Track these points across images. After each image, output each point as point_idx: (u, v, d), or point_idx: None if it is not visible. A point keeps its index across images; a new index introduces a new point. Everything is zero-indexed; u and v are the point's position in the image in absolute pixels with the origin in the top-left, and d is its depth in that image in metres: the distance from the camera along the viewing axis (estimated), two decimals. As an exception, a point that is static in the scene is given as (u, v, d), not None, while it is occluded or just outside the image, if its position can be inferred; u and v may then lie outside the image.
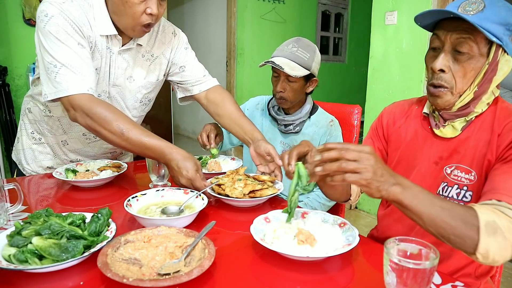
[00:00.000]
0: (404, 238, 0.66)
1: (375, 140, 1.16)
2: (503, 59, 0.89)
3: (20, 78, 3.25)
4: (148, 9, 1.13)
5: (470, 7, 0.86)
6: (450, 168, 0.96)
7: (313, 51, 1.49)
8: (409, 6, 2.68)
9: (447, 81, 0.91)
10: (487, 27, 0.83)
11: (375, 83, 3.00)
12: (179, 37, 1.43)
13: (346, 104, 1.67)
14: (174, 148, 1.11)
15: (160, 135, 1.14)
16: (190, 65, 1.42)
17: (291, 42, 1.51)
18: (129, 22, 1.15)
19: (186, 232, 0.83)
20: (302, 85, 1.51)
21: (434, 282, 0.73)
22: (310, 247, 0.81)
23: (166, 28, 1.38)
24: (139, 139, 1.10)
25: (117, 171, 1.30)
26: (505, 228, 0.73)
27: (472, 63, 0.88)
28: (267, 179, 1.18)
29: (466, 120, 0.95)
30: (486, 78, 0.89)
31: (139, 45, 1.30)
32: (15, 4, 3.16)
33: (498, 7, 0.85)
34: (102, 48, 1.22)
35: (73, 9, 1.14)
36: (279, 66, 1.42)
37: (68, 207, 1.09)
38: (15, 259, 0.71)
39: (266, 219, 0.92)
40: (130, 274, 0.67)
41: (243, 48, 4.79)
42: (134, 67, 1.32)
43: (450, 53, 0.90)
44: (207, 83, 1.45)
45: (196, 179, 1.09)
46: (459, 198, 0.95)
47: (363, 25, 5.37)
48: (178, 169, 1.09)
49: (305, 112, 1.56)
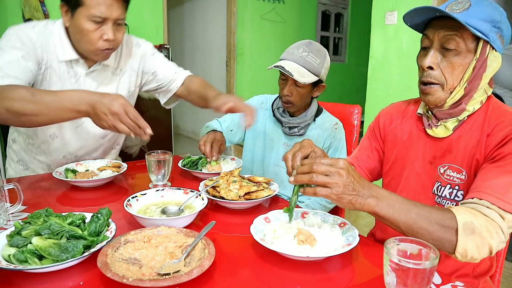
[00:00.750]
0: (404, 238, 0.66)
1: (372, 140, 1.17)
2: (492, 55, 0.90)
3: (20, 78, 3.26)
4: (104, 35, 1.19)
5: (456, 6, 0.89)
6: (444, 167, 0.97)
7: (323, 56, 1.46)
8: (409, 6, 2.68)
9: (437, 78, 0.92)
10: (473, 24, 0.85)
11: (375, 83, 3.00)
12: (144, 47, 1.48)
13: (346, 104, 1.67)
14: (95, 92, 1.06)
15: (160, 135, 1.14)
16: (160, 68, 1.47)
17: (302, 46, 1.47)
18: (88, 48, 1.22)
19: (186, 232, 0.83)
20: (309, 90, 1.49)
21: (434, 282, 0.73)
22: (310, 247, 0.81)
23: (129, 42, 1.45)
24: (51, 93, 1.06)
25: (117, 171, 1.30)
26: (482, 227, 0.76)
27: (460, 58, 0.89)
28: (262, 180, 1.18)
29: (458, 120, 0.95)
30: (476, 74, 0.90)
31: (105, 65, 1.36)
32: (15, 4, 3.16)
33: (484, 5, 0.88)
34: (61, 72, 1.27)
35: (31, 32, 1.21)
36: (288, 72, 1.39)
37: (68, 207, 1.09)
38: (15, 259, 0.71)
39: (266, 219, 0.92)
40: (130, 274, 0.67)
41: (243, 48, 4.79)
42: (105, 85, 1.38)
43: (438, 51, 0.92)
44: (180, 78, 1.49)
45: (137, 117, 1.02)
46: (451, 197, 0.96)
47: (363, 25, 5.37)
48: (107, 109, 1.00)
49: (310, 115, 1.54)
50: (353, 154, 1.22)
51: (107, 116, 1.01)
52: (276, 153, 1.61)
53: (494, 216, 0.78)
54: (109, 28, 1.19)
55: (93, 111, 1.02)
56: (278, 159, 1.60)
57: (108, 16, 1.18)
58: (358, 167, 1.18)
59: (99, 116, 1.02)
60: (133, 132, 1.04)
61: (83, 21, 1.17)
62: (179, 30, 6.03)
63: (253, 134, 1.68)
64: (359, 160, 1.18)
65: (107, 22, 1.19)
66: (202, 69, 5.69)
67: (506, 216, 0.78)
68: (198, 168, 1.40)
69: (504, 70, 2.98)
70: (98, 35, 1.19)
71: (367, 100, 3.07)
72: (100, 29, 1.19)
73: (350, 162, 1.20)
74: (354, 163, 1.19)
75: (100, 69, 1.35)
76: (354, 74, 6.23)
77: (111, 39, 1.20)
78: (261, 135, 1.66)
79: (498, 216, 0.78)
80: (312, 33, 5.51)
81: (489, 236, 0.76)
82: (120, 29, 1.24)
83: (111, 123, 1.01)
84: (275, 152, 1.61)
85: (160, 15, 3.94)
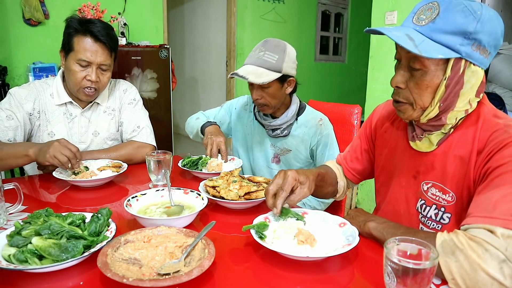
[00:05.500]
0: (404, 238, 0.66)
1: (362, 141, 1.14)
2: (469, 70, 0.79)
3: (20, 78, 3.25)
4: (88, 76, 1.39)
5: (424, 15, 0.79)
6: (427, 184, 0.91)
7: (282, 51, 1.39)
8: (409, 6, 2.68)
9: (405, 97, 0.85)
10: (439, 39, 0.76)
11: (375, 83, 3.00)
12: (127, 94, 1.62)
13: (346, 104, 1.67)
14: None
15: (160, 135, 1.15)
16: (126, 121, 1.59)
17: (259, 47, 1.43)
18: (74, 86, 1.42)
19: (186, 232, 0.83)
20: (278, 88, 1.42)
21: (434, 282, 0.73)
22: (310, 247, 0.81)
23: (121, 85, 1.63)
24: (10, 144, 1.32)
25: (116, 171, 1.30)
26: (464, 245, 0.69)
27: (427, 79, 0.80)
28: (262, 180, 1.18)
29: (443, 133, 0.87)
30: (451, 92, 0.81)
31: (97, 104, 1.54)
32: (15, 4, 3.16)
33: (454, 12, 0.76)
34: (58, 114, 1.49)
35: (23, 91, 1.44)
36: (242, 76, 1.35)
37: (68, 207, 1.09)
38: (15, 259, 0.71)
39: (266, 219, 0.92)
40: (130, 274, 0.67)
41: (243, 48, 4.79)
42: (97, 123, 1.55)
43: (407, 68, 0.83)
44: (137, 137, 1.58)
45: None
46: (437, 219, 0.90)
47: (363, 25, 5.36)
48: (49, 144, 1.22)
49: (291, 114, 1.50)
50: (344, 153, 1.21)
51: (49, 148, 1.20)
52: (265, 155, 1.60)
53: (478, 233, 0.70)
54: (93, 71, 1.39)
55: (38, 152, 1.23)
56: (269, 160, 1.59)
57: (93, 61, 1.38)
58: (346, 169, 1.17)
59: (43, 152, 1.21)
60: (69, 162, 1.22)
61: (72, 64, 1.38)
62: (179, 30, 6.03)
63: (240, 137, 1.67)
64: (347, 162, 1.17)
65: (91, 65, 1.39)
66: (202, 69, 5.69)
67: (498, 231, 0.68)
68: (198, 168, 1.40)
69: (504, 70, 2.98)
70: (83, 75, 1.39)
71: (367, 100, 3.07)
72: (85, 71, 1.39)
73: (339, 162, 1.19)
74: (342, 164, 1.18)
75: (93, 108, 1.54)
76: (354, 74, 6.22)
77: (93, 80, 1.40)
78: (248, 137, 1.64)
79: (485, 232, 0.69)
80: (312, 33, 5.50)
81: (476, 256, 0.67)
82: (105, 73, 1.44)
83: (52, 154, 1.19)
84: (264, 154, 1.60)
85: (160, 15, 3.94)
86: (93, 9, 3.19)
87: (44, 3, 3.23)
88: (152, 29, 3.91)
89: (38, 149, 1.24)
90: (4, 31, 3.15)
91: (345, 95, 6.02)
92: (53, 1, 3.28)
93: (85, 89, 1.41)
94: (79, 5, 3.19)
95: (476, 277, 0.67)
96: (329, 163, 1.20)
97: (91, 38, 1.37)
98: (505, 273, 0.65)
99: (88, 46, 1.37)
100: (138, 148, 1.54)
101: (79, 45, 1.37)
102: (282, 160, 1.56)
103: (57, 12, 3.29)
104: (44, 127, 1.48)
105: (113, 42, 1.43)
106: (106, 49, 1.41)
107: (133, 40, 3.62)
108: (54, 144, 1.21)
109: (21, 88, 1.45)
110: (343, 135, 1.64)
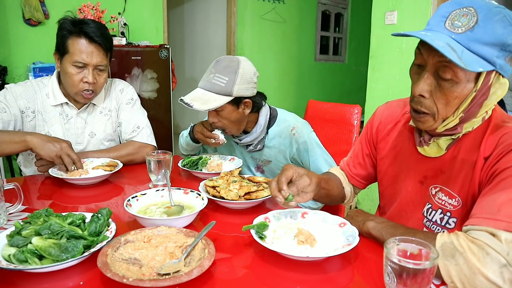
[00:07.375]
0: (404, 238, 0.66)
1: (363, 146, 1.12)
2: (497, 82, 0.77)
3: (20, 78, 3.25)
4: (85, 78, 1.37)
5: (459, 21, 0.74)
6: (435, 188, 0.90)
7: (233, 71, 1.28)
8: (409, 6, 2.68)
9: (428, 107, 0.81)
10: (477, 50, 0.72)
11: (375, 83, 3.00)
12: (124, 93, 1.61)
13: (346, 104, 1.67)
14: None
15: (160, 135, 1.15)
16: (124, 121, 1.58)
17: (210, 68, 1.33)
18: (71, 89, 1.40)
19: (186, 232, 0.83)
20: (232, 111, 1.32)
21: (434, 283, 0.73)
22: (310, 247, 0.81)
23: (117, 85, 1.61)
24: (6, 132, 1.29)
25: (110, 170, 1.31)
26: (465, 247, 0.68)
27: (457, 90, 0.76)
28: (262, 180, 1.17)
29: (452, 138, 0.85)
30: (475, 103, 0.78)
31: (93, 104, 1.53)
32: (15, 4, 3.15)
33: (494, 22, 0.72)
34: (53, 115, 1.47)
35: (19, 87, 1.43)
36: (187, 104, 1.28)
37: (68, 207, 1.09)
38: (15, 259, 0.71)
39: (266, 219, 0.92)
40: (130, 274, 0.67)
41: (243, 48, 4.79)
42: (93, 124, 1.55)
43: (433, 76, 0.78)
44: (137, 137, 1.57)
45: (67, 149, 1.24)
46: (442, 223, 0.89)
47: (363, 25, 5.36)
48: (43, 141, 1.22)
49: (259, 130, 1.42)
50: (346, 159, 1.18)
51: (55, 147, 1.22)
52: (248, 166, 1.57)
53: (479, 235, 0.69)
54: (89, 73, 1.37)
55: (39, 142, 1.22)
56: (253, 171, 1.57)
57: (89, 62, 1.36)
58: (349, 175, 1.14)
59: (48, 146, 1.22)
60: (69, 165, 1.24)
61: (68, 66, 1.36)
62: (179, 30, 6.03)
63: (224, 151, 1.62)
64: (350, 169, 1.15)
65: (87, 67, 1.37)
66: (202, 69, 5.67)
67: (501, 235, 0.67)
68: (198, 168, 1.41)
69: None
70: (80, 77, 1.37)
71: (367, 100, 3.07)
72: (82, 73, 1.37)
73: (342, 168, 1.17)
74: (345, 170, 1.16)
75: (89, 109, 1.53)
76: (354, 74, 6.22)
77: (91, 81, 1.38)
78: (231, 149, 1.60)
79: (487, 235, 0.68)
80: (312, 33, 5.50)
81: (476, 260, 0.66)
82: (101, 74, 1.43)
83: (58, 154, 1.22)
84: (247, 165, 1.57)
85: (160, 15, 3.94)
86: (93, 9, 3.18)
87: (44, 3, 3.23)
88: (152, 29, 3.91)
89: (39, 139, 1.23)
90: (4, 31, 3.14)
91: (345, 95, 6.02)
92: (53, 1, 3.28)
93: (83, 92, 1.40)
94: (79, 5, 3.18)
95: (475, 281, 0.66)
96: (333, 170, 1.18)
97: (85, 39, 1.35)
98: (505, 277, 0.65)
99: (84, 48, 1.35)
100: (138, 148, 1.53)
101: (74, 47, 1.35)
102: (266, 170, 1.54)
103: (57, 12, 3.28)
104: (40, 127, 1.46)
105: (108, 42, 1.42)
106: (102, 50, 1.39)
107: (133, 40, 3.62)
108: (63, 145, 1.23)
109: (18, 85, 1.45)
110: (343, 135, 1.64)
